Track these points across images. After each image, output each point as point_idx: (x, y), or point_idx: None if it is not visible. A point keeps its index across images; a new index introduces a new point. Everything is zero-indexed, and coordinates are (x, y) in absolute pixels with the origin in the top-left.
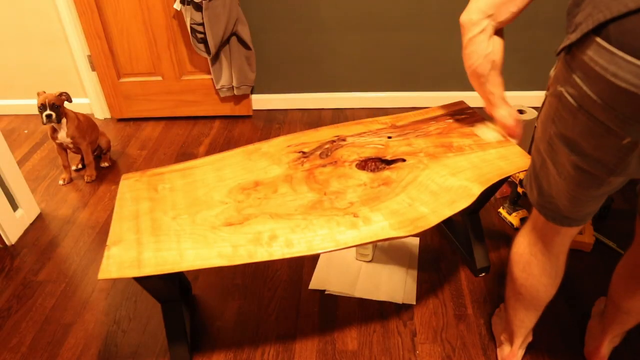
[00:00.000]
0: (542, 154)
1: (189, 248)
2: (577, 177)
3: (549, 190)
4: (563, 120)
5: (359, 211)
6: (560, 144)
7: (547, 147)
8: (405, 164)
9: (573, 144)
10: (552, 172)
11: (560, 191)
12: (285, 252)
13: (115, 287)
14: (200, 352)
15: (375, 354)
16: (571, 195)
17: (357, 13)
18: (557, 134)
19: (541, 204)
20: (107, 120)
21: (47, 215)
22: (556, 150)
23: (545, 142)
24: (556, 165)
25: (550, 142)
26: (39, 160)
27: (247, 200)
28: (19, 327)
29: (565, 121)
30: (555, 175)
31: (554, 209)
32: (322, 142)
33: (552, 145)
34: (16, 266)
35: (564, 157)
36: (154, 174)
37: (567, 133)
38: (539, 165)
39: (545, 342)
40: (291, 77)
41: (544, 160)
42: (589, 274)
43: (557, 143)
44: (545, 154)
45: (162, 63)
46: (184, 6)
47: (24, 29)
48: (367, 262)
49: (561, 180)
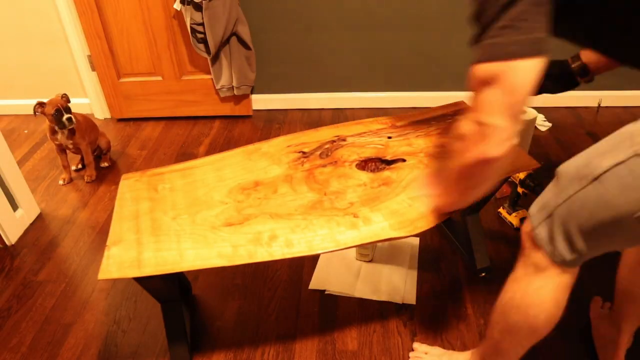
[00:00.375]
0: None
1: (189, 248)
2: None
3: (614, 246)
4: None
5: (359, 211)
6: None
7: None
8: (405, 164)
9: None
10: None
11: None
12: (285, 252)
13: (115, 287)
14: (200, 352)
15: (375, 354)
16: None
17: (357, 13)
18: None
19: (584, 259)
20: (107, 120)
21: (47, 215)
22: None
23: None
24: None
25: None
26: (39, 160)
27: (247, 200)
28: (19, 327)
29: None
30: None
31: (590, 256)
32: (322, 142)
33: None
34: (16, 266)
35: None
36: (154, 174)
37: None
38: (630, 239)
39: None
40: (291, 77)
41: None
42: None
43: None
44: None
45: (162, 63)
46: (184, 6)
47: (24, 29)
48: (367, 262)
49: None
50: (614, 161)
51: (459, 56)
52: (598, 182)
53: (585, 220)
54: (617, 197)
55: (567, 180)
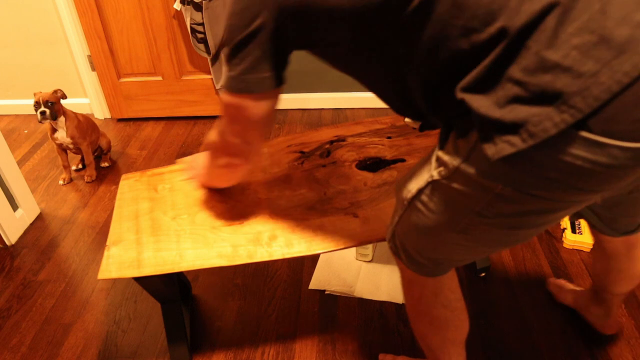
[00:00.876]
0: (478, 247)
1: (189, 248)
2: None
3: (458, 259)
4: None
5: (359, 211)
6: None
7: (473, 232)
8: (405, 164)
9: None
10: (482, 249)
11: (478, 255)
12: (285, 252)
13: (115, 287)
14: (200, 352)
15: (375, 354)
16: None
17: None
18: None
19: (440, 270)
20: (107, 120)
21: (47, 215)
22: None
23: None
24: (485, 241)
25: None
26: (39, 160)
27: (247, 200)
28: (19, 327)
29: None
30: (486, 249)
31: (446, 268)
32: (322, 142)
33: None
34: (16, 266)
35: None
36: (154, 174)
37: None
38: (465, 251)
39: (546, 342)
40: (291, 77)
41: (476, 250)
42: (589, 273)
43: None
44: (469, 238)
45: (162, 63)
46: (184, 6)
47: (24, 29)
48: (367, 262)
49: (491, 249)
50: (418, 187)
51: None
52: (412, 206)
53: (415, 242)
54: (428, 221)
55: (397, 199)
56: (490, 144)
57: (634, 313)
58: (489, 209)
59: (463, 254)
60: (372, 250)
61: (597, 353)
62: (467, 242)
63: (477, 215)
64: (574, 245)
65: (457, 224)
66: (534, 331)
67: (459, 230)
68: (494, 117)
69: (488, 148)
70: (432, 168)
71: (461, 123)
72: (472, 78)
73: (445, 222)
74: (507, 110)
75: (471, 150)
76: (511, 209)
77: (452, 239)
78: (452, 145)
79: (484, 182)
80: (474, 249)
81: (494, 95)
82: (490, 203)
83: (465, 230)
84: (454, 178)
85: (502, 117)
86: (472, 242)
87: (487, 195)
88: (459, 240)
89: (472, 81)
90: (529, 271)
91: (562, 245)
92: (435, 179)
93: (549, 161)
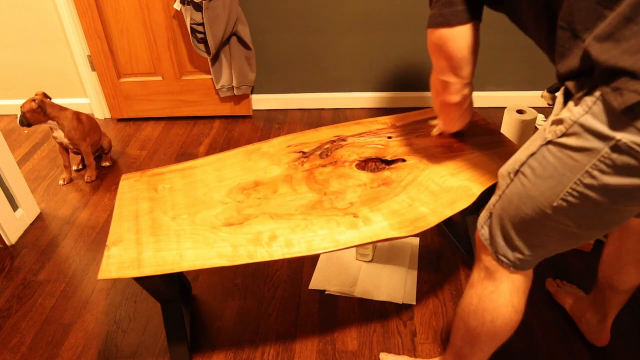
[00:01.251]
0: (572, 229)
1: (189, 248)
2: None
3: (552, 247)
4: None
5: (358, 211)
6: (625, 203)
7: (591, 214)
8: (405, 164)
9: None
10: (579, 232)
11: (573, 242)
12: (285, 252)
13: (115, 287)
14: (200, 352)
15: (375, 354)
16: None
17: (357, 13)
18: (623, 192)
19: (528, 260)
20: (107, 120)
21: (47, 215)
22: (615, 210)
23: (594, 209)
24: (601, 224)
25: (606, 207)
26: (39, 160)
27: (247, 201)
28: (19, 327)
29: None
30: (583, 231)
31: (536, 259)
32: (322, 142)
33: (606, 209)
34: (16, 266)
35: (623, 212)
36: (154, 174)
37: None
38: (560, 236)
39: (546, 342)
40: (291, 77)
41: (570, 233)
42: (589, 274)
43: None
44: (568, 212)
45: (162, 63)
46: (184, 6)
47: (24, 29)
48: (367, 262)
49: (588, 231)
50: (528, 153)
51: None
52: (519, 175)
53: (514, 216)
54: (532, 189)
55: (501, 179)
56: (617, 94)
57: (635, 313)
58: (599, 168)
59: (558, 240)
60: (372, 250)
61: (596, 353)
62: (565, 219)
63: (586, 175)
64: None
65: (562, 189)
66: (534, 331)
67: (562, 198)
68: (623, 66)
69: (614, 98)
70: (546, 132)
71: (585, 80)
72: (606, 25)
73: (551, 187)
74: (637, 58)
75: (593, 103)
76: (622, 168)
77: (552, 215)
78: (572, 102)
79: (603, 132)
80: (569, 231)
81: (626, 43)
82: (604, 159)
83: (567, 199)
84: (570, 133)
85: (631, 65)
86: (570, 219)
87: (603, 148)
88: (558, 216)
89: (606, 29)
90: None
91: None
92: (549, 139)
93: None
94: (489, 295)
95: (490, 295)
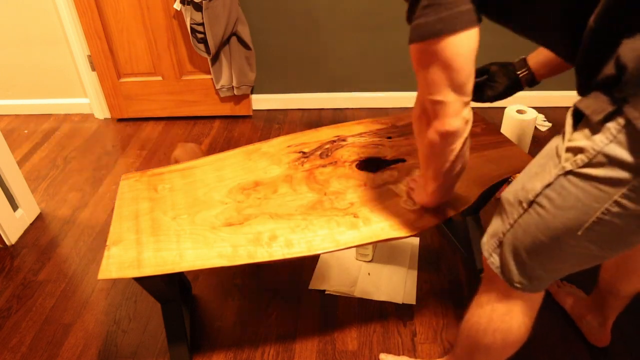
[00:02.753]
0: (595, 252)
1: (189, 248)
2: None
3: (570, 269)
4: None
5: (359, 211)
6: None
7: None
8: (405, 164)
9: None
10: (601, 254)
11: (593, 262)
12: (285, 252)
13: (115, 287)
14: (200, 352)
15: (375, 354)
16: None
17: (357, 13)
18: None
19: (544, 282)
20: (107, 120)
21: (47, 215)
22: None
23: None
24: (622, 245)
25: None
26: (39, 160)
27: (247, 201)
28: (19, 327)
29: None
30: (606, 253)
31: (551, 281)
32: (322, 142)
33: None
34: (16, 266)
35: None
36: (154, 174)
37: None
38: (580, 259)
39: (546, 343)
40: (291, 77)
41: (592, 255)
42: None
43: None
44: (593, 238)
45: (162, 63)
46: (184, 6)
47: (24, 29)
48: (367, 262)
49: (611, 252)
50: (544, 183)
51: None
52: (534, 206)
53: (530, 245)
54: (553, 220)
55: (509, 205)
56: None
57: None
58: (630, 197)
59: (578, 262)
60: (372, 250)
61: (597, 354)
62: (588, 244)
63: (614, 205)
64: None
65: (587, 220)
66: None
67: (586, 228)
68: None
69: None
70: (563, 160)
71: (607, 100)
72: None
73: (574, 217)
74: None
75: (619, 131)
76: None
77: (575, 242)
78: (590, 129)
79: (633, 162)
80: (591, 254)
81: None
82: (635, 188)
83: (593, 228)
84: (595, 164)
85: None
86: (594, 244)
87: (633, 178)
88: (581, 242)
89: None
90: None
91: None
92: (569, 170)
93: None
94: (501, 317)
95: (502, 317)
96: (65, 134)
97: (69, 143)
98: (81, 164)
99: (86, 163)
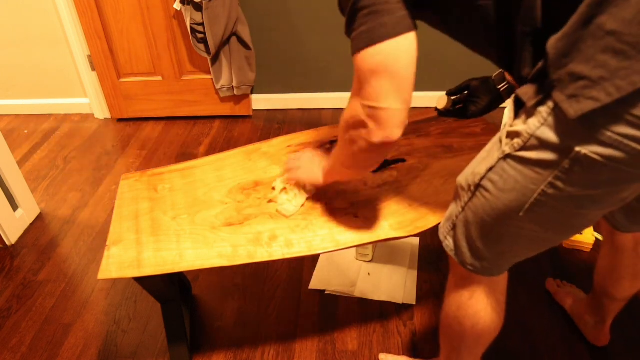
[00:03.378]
0: (540, 234)
1: (189, 248)
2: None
3: (521, 252)
4: (583, 183)
5: (359, 211)
6: (580, 208)
7: (554, 218)
8: (405, 165)
9: (595, 200)
10: (547, 236)
11: (542, 246)
12: (285, 252)
13: (115, 287)
14: (200, 352)
15: (375, 354)
16: (556, 242)
17: None
18: (578, 199)
19: (499, 265)
20: (107, 120)
21: (47, 215)
22: (575, 214)
23: (555, 214)
24: (562, 229)
25: (566, 212)
26: (39, 160)
27: (247, 201)
28: (19, 327)
29: (586, 182)
30: (551, 235)
31: (506, 265)
32: (322, 142)
33: (566, 214)
34: (16, 266)
35: (582, 216)
36: (154, 174)
37: (589, 192)
38: (528, 242)
39: (546, 343)
40: (291, 77)
41: (538, 238)
42: (589, 273)
43: (580, 207)
44: (535, 220)
45: (162, 63)
46: (184, 6)
47: (24, 29)
48: (367, 262)
49: (557, 235)
50: (487, 167)
51: (459, 56)
52: (480, 189)
53: (479, 227)
54: (496, 202)
55: (461, 189)
56: (572, 102)
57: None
58: (562, 179)
59: (526, 245)
60: (372, 250)
61: (597, 353)
62: (532, 225)
63: (549, 187)
64: (574, 245)
65: (526, 201)
66: (534, 331)
67: (527, 209)
68: (581, 72)
69: (570, 106)
70: (503, 145)
71: (538, 88)
72: (567, 27)
73: (515, 199)
74: (596, 63)
75: (549, 114)
76: (584, 178)
77: (519, 223)
78: (526, 114)
79: (561, 144)
80: (537, 236)
81: (584, 46)
82: (565, 170)
83: (533, 209)
84: (529, 147)
85: (589, 71)
86: (537, 225)
87: (563, 160)
88: (524, 224)
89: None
90: (529, 271)
91: (562, 245)
92: (508, 153)
93: (630, 118)
94: (467, 302)
95: (467, 302)
96: (65, 134)
97: (69, 143)
98: (81, 164)
99: (86, 163)
